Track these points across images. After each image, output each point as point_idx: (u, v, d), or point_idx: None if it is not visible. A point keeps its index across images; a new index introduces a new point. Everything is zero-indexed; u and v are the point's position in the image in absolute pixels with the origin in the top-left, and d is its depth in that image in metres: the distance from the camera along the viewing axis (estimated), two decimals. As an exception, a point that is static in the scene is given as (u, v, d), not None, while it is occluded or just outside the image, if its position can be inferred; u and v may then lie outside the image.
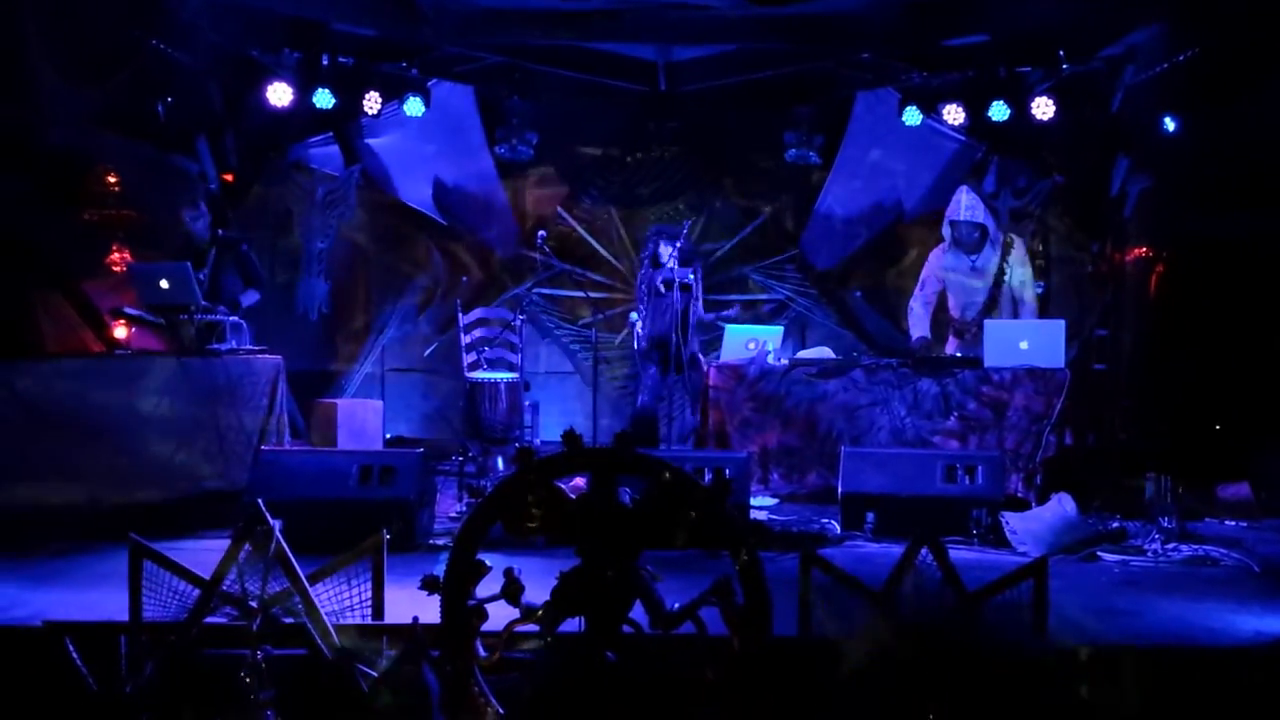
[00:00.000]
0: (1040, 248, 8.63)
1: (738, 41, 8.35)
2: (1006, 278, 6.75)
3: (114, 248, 7.65)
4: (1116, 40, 7.77)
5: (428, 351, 8.95)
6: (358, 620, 3.56)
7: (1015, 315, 6.76)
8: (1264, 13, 6.70)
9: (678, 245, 7.10)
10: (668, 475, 3.23)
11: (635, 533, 3.24)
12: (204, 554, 3.78)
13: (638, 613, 3.27)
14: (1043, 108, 7.81)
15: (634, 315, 7.35)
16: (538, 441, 7.05)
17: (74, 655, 3.36)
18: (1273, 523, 5.89)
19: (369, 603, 3.59)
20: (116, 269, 7.46)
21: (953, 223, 6.83)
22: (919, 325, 7.02)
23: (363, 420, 6.97)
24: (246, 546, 3.50)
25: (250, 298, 6.82)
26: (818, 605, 3.47)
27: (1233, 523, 5.88)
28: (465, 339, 7.41)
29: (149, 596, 3.55)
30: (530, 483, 3.34)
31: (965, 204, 6.79)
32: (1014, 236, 7.04)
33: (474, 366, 7.19)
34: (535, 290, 9.00)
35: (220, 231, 7.01)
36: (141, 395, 5.80)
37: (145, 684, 3.34)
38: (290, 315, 8.58)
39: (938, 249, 7.01)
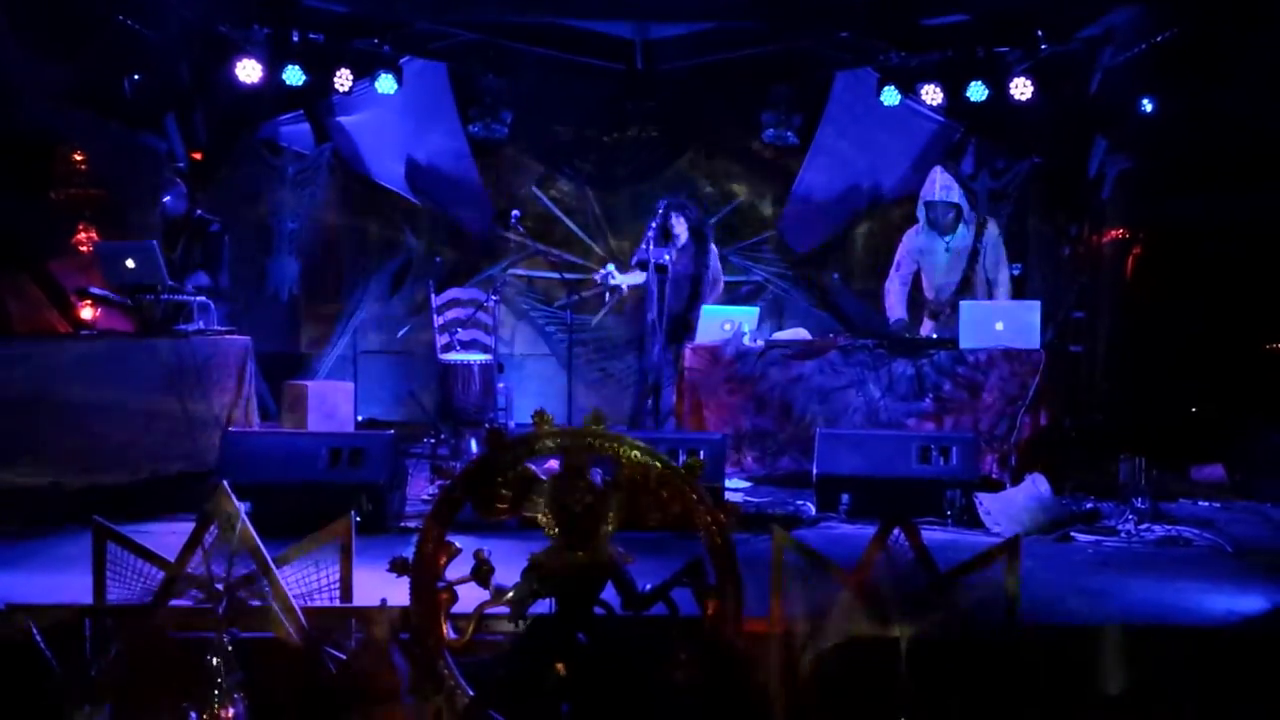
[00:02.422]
0: (1017, 229, 8.64)
1: (716, 20, 8.29)
2: (980, 259, 6.74)
3: (81, 227, 7.54)
4: (1095, 21, 7.76)
5: (400, 333, 8.88)
6: (326, 603, 3.51)
7: (990, 297, 6.74)
8: (1240, -7, 6.71)
9: (689, 217, 7.06)
10: (638, 455, 3.19)
11: (606, 512, 3.21)
12: (170, 537, 3.72)
13: (609, 594, 3.24)
14: (1021, 88, 7.80)
15: (609, 267, 7.24)
16: (512, 424, 7.00)
17: (38, 639, 3.29)
18: (1246, 504, 5.91)
19: (338, 585, 3.54)
20: (83, 249, 7.35)
21: (927, 203, 6.81)
22: (896, 307, 7.00)
23: (334, 402, 6.90)
24: (212, 529, 3.44)
25: (199, 279, 6.67)
26: (790, 586, 3.44)
27: (1206, 504, 5.90)
28: (438, 320, 7.35)
29: (113, 579, 3.49)
30: (500, 464, 3.30)
31: (940, 184, 6.76)
32: (988, 217, 7.02)
33: (447, 348, 7.12)
34: (510, 271, 8.95)
35: (197, 212, 6.89)
36: (107, 376, 5.70)
37: (110, 667, 3.28)
38: (261, 296, 8.48)
39: (912, 229, 7.00)
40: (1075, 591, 4.06)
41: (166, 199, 6.84)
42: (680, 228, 7.12)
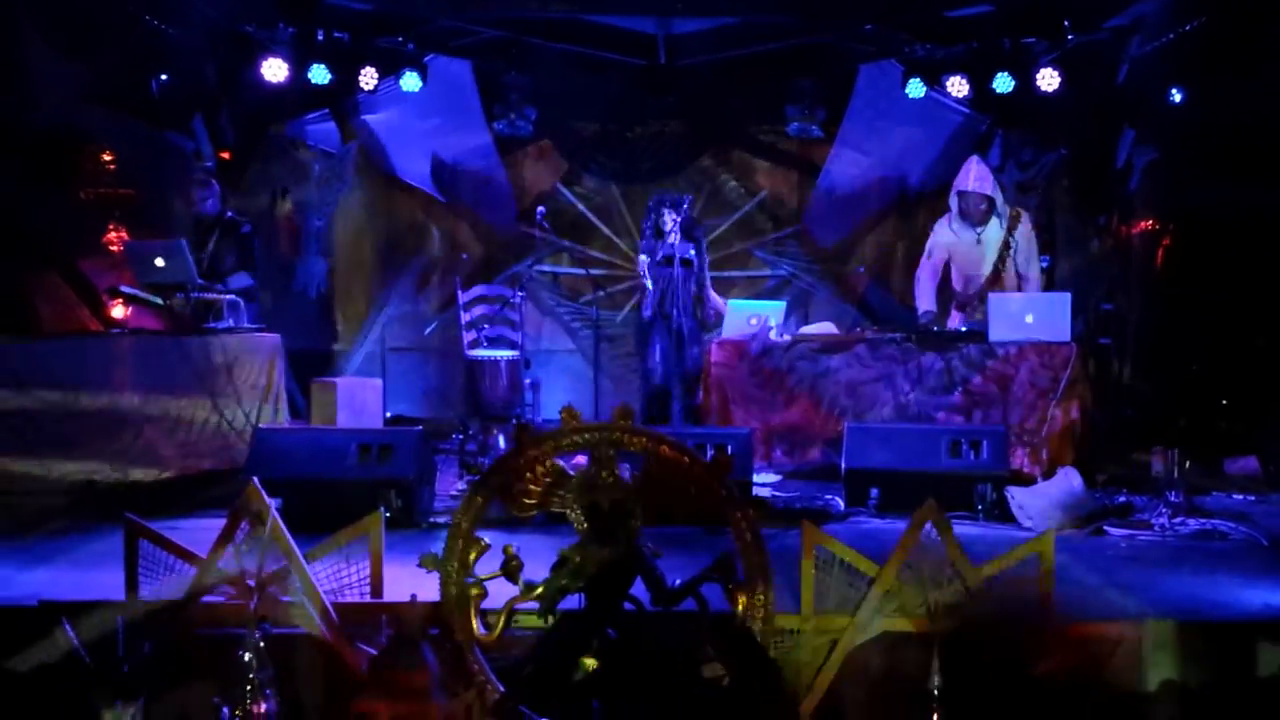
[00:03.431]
0: (1045, 221, 8.56)
1: (739, 14, 8.25)
2: (1011, 251, 6.66)
3: (110, 226, 7.60)
4: (1123, 10, 7.67)
5: (428, 330, 8.91)
6: (356, 598, 3.52)
7: (1019, 290, 6.67)
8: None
9: (679, 215, 7.01)
10: (666, 450, 3.18)
11: (635, 507, 3.20)
12: (201, 533, 3.72)
13: (638, 590, 3.23)
14: (1048, 79, 7.72)
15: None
16: (539, 420, 7.00)
17: (70, 634, 3.32)
18: (1280, 496, 5.83)
19: (367, 580, 3.55)
20: (114, 248, 7.41)
21: (960, 193, 6.73)
22: (925, 297, 6.92)
23: (363, 399, 6.91)
24: (243, 525, 3.46)
25: (240, 280, 6.75)
26: (820, 581, 3.42)
27: (1240, 496, 5.82)
28: (465, 317, 7.36)
29: (145, 576, 3.51)
30: (529, 459, 3.30)
31: (975, 174, 6.68)
32: (1021, 210, 6.93)
33: (474, 344, 7.13)
34: (536, 267, 8.95)
35: (228, 213, 6.93)
36: (137, 375, 5.75)
37: (142, 663, 3.30)
38: (288, 294, 8.53)
39: (944, 218, 6.92)
40: (1110, 586, 4.00)
41: (206, 200, 6.85)
42: (670, 224, 7.08)
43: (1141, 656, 3.37)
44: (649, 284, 6.87)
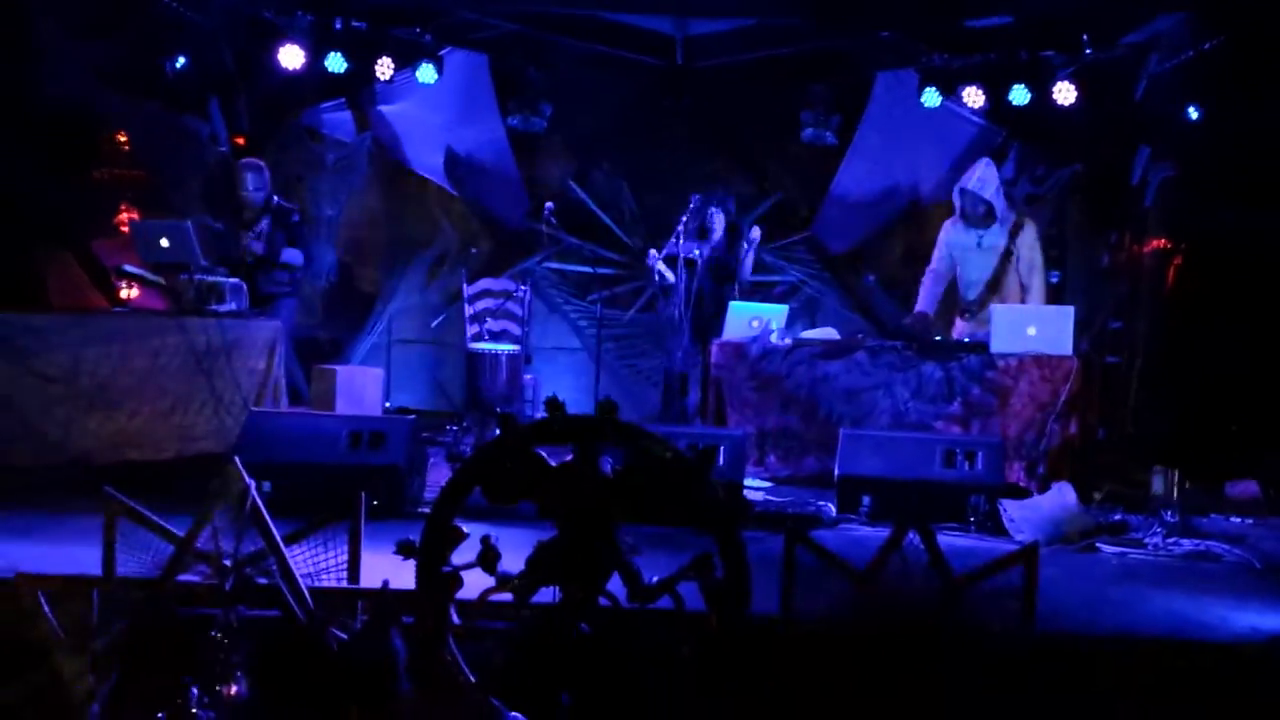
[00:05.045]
0: (1057, 236, 8.50)
1: (757, 16, 8.23)
2: (1014, 260, 6.61)
3: (123, 207, 7.63)
4: (1141, 27, 7.61)
5: (434, 322, 8.89)
6: (333, 584, 3.52)
7: (1022, 302, 6.62)
8: (1289, 2, 6.55)
9: (726, 212, 7.04)
10: (649, 445, 3.16)
11: (614, 503, 3.18)
12: (190, 515, 3.72)
13: (615, 586, 3.21)
14: (1064, 93, 7.66)
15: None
16: (537, 415, 6.99)
17: (45, 607, 3.32)
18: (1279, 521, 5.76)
19: (345, 566, 3.54)
20: (125, 230, 7.43)
21: (961, 190, 6.70)
22: (923, 298, 6.89)
23: (361, 387, 6.92)
24: (223, 504, 3.46)
25: (293, 255, 6.83)
26: (800, 585, 3.40)
27: (1238, 520, 5.76)
28: (469, 309, 7.35)
29: (124, 553, 3.52)
30: (511, 449, 3.29)
31: (978, 175, 6.65)
32: (1027, 219, 6.88)
33: (476, 338, 7.13)
34: (544, 264, 8.94)
35: (275, 199, 6.92)
36: (138, 354, 5.76)
37: (116, 640, 3.30)
38: (298, 282, 8.53)
39: (949, 221, 6.89)
40: (1096, 601, 3.97)
41: (253, 189, 6.81)
42: (718, 223, 7.07)
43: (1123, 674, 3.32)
44: (680, 282, 6.77)
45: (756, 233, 7.29)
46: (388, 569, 3.41)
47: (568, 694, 3.12)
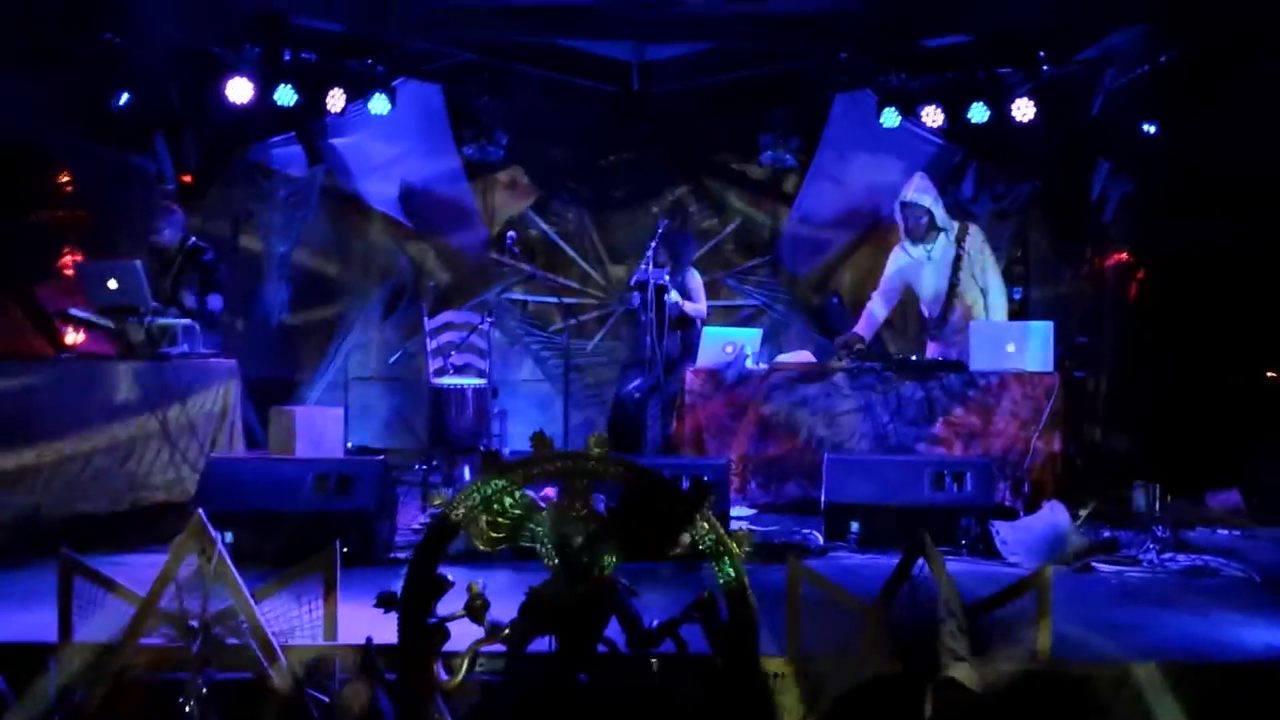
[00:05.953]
0: (1019, 253, 8.50)
1: (713, 40, 8.18)
2: (966, 265, 6.56)
3: (65, 250, 7.36)
4: (1095, 43, 7.65)
5: (392, 358, 8.67)
6: (308, 641, 3.29)
7: (985, 304, 6.55)
8: (1243, 16, 6.60)
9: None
10: (643, 481, 3.00)
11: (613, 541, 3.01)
12: (149, 569, 3.48)
13: (613, 631, 3.04)
14: (1023, 109, 7.67)
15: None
16: (506, 450, 6.79)
17: (-2, 680, 3.08)
18: (1268, 531, 5.72)
19: (321, 621, 3.32)
20: (69, 273, 7.17)
21: (902, 204, 6.69)
22: (862, 321, 6.85)
23: (322, 427, 6.66)
24: (188, 561, 3.23)
25: (215, 302, 6.58)
26: (807, 620, 3.24)
27: (1225, 531, 5.71)
28: (431, 344, 7.17)
29: (81, 616, 3.27)
30: (496, 490, 3.10)
31: (915, 186, 6.65)
32: (970, 224, 6.85)
33: (440, 372, 6.94)
34: (505, 295, 8.78)
35: (191, 240, 6.71)
36: (87, 401, 5.50)
37: (76, 710, 3.07)
38: (250, 321, 8.29)
39: (897, 247, 6.88)
40: (1104, 625, 3.85)
41: (164, 231, 6.62)
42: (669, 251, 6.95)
43: (1144, 700, 3.20)
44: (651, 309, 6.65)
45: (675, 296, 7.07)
46: (366, 622, 3.20)
47: (567, 749, 2.94)
